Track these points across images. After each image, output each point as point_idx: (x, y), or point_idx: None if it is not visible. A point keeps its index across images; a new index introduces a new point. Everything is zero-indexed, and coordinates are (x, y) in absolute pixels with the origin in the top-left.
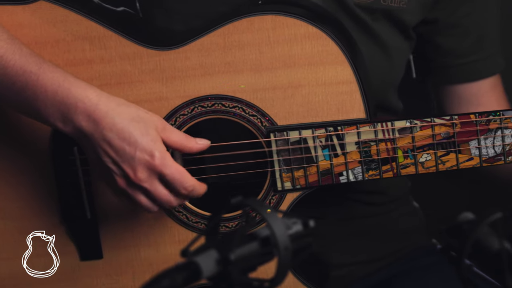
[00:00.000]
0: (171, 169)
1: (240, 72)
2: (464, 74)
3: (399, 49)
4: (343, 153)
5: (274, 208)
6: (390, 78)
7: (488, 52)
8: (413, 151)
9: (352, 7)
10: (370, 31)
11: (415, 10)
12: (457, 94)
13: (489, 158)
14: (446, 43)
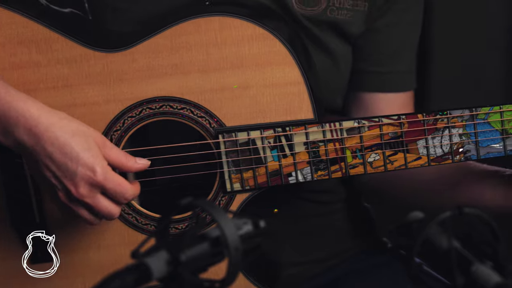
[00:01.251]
0: (113, 183)
1: (187, 73)
2: (375, 82)
3: (344, 57)
4: (292, 154)
5: (223, 209)
6: (337, 83)
7: (405, 68)
8: (362, 151)
9: (298, 17)
10: (318, 40)
11: (359, 23)
12: (366, 103)
13: (437, 157)
14: (365, 47)
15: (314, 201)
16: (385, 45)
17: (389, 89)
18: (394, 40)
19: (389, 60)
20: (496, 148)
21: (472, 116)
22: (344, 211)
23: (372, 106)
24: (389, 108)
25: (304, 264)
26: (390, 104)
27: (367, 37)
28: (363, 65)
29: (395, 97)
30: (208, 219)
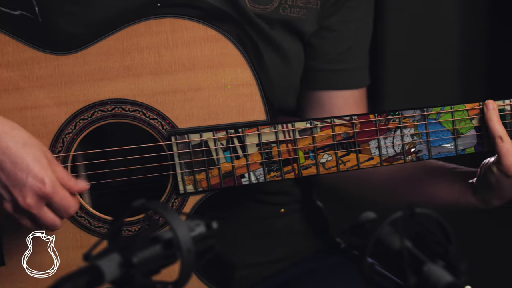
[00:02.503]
0: (60, 196)
1: (139, 75)
2: (329, 80)
3: (296, 56)
4: (245, 155)
5: (176, 211)
6: (290, 83)
7: (357, 64)
8: (314, 152)
9: (251, 16)
10: (270, 39)
11: (312, 20)
12: (320, 101)
13: (389, 157)
14: (318, 45)
15: (268, 203)
16: (338, 42)
17: (344, 86)
18: (347, 37)
19: (342, 57)
20: (447, 148)
21: (424, 116)
22: (298, 212)
23: (327, 104)
24: (344, 105)
25: (258, 265)
26: (344, 101)
27: (320, 35)
28: (316, 63)
29: (350, 94)
30: (161, 221)
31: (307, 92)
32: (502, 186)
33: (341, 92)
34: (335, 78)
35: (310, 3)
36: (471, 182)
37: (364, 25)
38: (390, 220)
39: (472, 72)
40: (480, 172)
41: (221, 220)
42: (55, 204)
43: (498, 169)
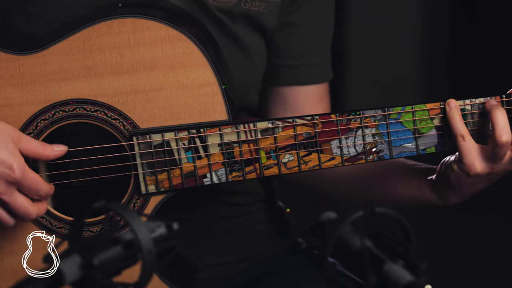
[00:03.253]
0: (29, 180)
1: (101, 75)
2: (293, 76)
3: (259, 51)
4: (206, 155)
5: (138, 211)
6: (252, 80)
7: (319, 59)
8: (276, 152)
9: (213, 10)
10: (232, 34)
11: (273, 14)
12: (283, 97)
13: (350, 157)
14: (280, 42)
15: (230, 203)
16: (301, 38)
17: (306, 81)
18: (309, 32)
19: (305, 53)
20: (408, 148)
21: (385, 116)
22: (261, 212)
23: (290, 100)
24: (307, 100)
25: (220, 266)
26: (307, 96)
27: (283, 31)
28: (279, 59)
29: (313, 89)
30: (122, 222)
31: (270, 88)
32: (461, 184)
33: (304, 87)
34: (298, 73)
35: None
36: (430, 178)
37: (326, 20)
38: (350, 220)
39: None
40: (440, 169)
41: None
42: (26, 188)
43: (459, 168)
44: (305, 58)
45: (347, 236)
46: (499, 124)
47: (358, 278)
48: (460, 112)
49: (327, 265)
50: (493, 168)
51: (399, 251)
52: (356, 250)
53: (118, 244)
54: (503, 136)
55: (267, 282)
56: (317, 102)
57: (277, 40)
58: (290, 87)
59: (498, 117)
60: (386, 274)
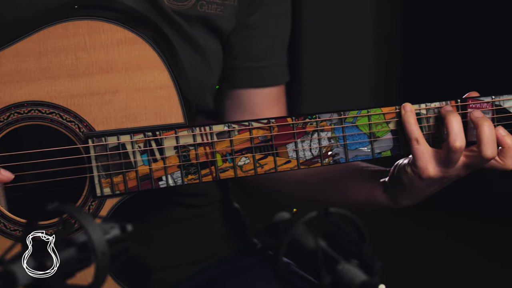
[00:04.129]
0: None
1: (56, 78)
2: (251, 78)
3: (215, 54)
4: (162, 158)
5: (93, 214)
6: (208, 82)
7: (277, 62)
8: (232, 155)
9: (169, 13)
10: (188, 37)
11: (230, 17)
12: (240, 100)
13: (306, 160)
14: (238, 44)
15: (186, 205)
16: (258, 40)
17: (264, 84)
18: (266, 35)
19: (262, 55)
20: (364, 151)
21: (341, 119)
22: (216, 213)
23: (247, 102)
24: (264, 103)
25: (176, 267)
26: (264, 98)
27: (239, 33)
28: (236, 62)
29: (270, 91)
30: (77, 225)
31: (227, 91)
32: (414, 187)
33: (261, 90)
34: (255, 76)
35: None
36: (383, 181)
37: (283, 22)
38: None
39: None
40: (393, 172)
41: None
42: None
43: (412, 171)
44: (262, 60)
45: (301, 236)
46: (454, 130)
47: (313, 278)
48: (415, 116)
49: (281, 266)
50: (446, 173)
51: (353, 250)
52: (310, 250)
53: (72, 246)
54: (457, 141)
55: (223, 283)
56: (274, 104)
57: (234, 43)
58: (247, 89)
59: (453, 122)
60: (340, 274)
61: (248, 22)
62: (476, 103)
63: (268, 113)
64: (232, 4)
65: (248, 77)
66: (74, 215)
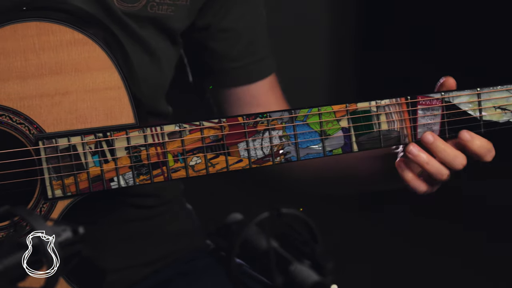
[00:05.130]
0: None
1: (5, 80)
2: (240, 77)
3: (167, 55)
4: (113, 159)
5: (44, 216)
6: (159, 84)
7: (261, 55)
8: (183, 155)
9: (118, 14)
10: (138, 38)
11: (182, 17)
12: (236, 97)
13: (257, 159)
14: (219, 48)
15: (139, 206)
16: (237, 40)
17: (256, 78)
18: (245, 32)
19: (245, 53)
20: (315, 149)
21: (292, 118)
22: (170, 214)
23: (244, 97)
24: (261, 95)
25: (130, 268)
26: (259, 90)
27: (218, 37)
28: (222, 64)
29: (263, 83)
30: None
31: (221, 91)
32: None
33: (256, 84)
34: (243, 73)
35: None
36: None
37: (259, 15)
38: (256, 221)
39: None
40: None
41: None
42: None
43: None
44: (247, 57)
45: (253, 237)
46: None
47: (265, 279)
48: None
49: (233, 267)
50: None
51: (305, 251)
52: (262, 251)
53: (23, 249)
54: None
55: (177, 284)
56: (270, 93)
57: (215, 47)
58: (240, 87)
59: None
60: (292, 274)
61: (224, 24)
62: (426, 99)
63: (264, 101)
64: (184, 4)
65: (239, 76)
66: (26, 217)
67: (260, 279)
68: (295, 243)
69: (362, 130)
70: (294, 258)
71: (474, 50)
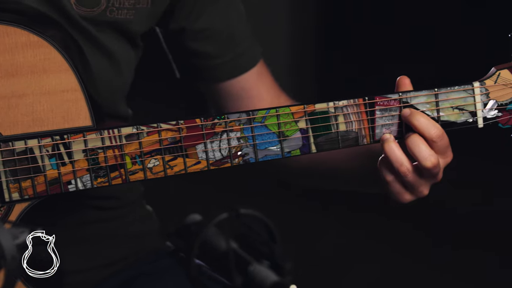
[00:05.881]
0: None
1: None
2: (226, 72)
3: (126, 58)
4: (71, 162)
5: (2, 219)
6: (118, 87)
7: (243, 47)
8: (141, 157)
9: (76, 18)
10: (97, 42)
11: (142, 20)
12: (227, 91)
13: (216, 161)
14: (200, 48)
15: (98, 208)
16: (217, 37)
17: (244, 69)
18: (222, 29)
19: (227, 48)
20: (273, 151)
21: (250, 119)
22: (130, 215)
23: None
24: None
25: (90, 270)
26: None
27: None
28: (206, 61)
29: (250, 74)
30: None
31: (212, 86)
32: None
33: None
34: (228, 68)
35: (140, 3)
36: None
37: (232, 9)
38: (215, 222)
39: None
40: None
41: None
42: None
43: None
44: (229, 52)
45: (212, 238)
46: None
47: (224, 280)
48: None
49: (193, 267)
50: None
51: (264, 251)
52: (221, 251)
53: None
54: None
55: (138, 285)
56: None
57: (196, 48)
58: (231, 80)
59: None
60: (251, 275)
61: (199, 25)
62: (384, 100)
63: (255, 92)
64: (144, 8)
65: (227, 70)
66: None
67: (220, 280)
68: (254, 243)
69: (320, 131)
70: (253, 258)
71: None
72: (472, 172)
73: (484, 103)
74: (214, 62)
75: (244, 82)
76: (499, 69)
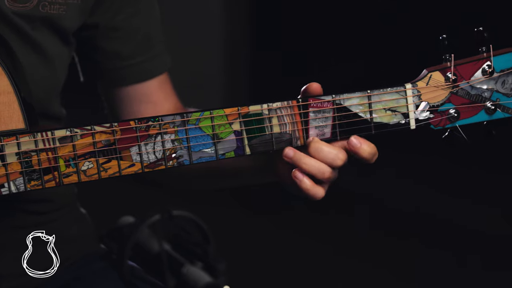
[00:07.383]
0: None
1: None
2: (133, 75)
3: (59, 56)
4: (4, 165)
5: None
6: (52, 86)
7: (154, 52)
8: (75, 160)
9: (10, 16)
10: (30, 40)
11: (74, 16)
12: (128, 95)
13: (150, 163)
14: (109, 47)
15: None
16: (128, 38)
17: (149, 76)
18: (135, 31)
19: (138, 51)
20: (208, 153)
21: (184, 121)
22: (63, 218)
23: (136, 96)
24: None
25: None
26: (152, 88)
27: (108, 36)
28: (114, 62)
29: (155, 81)
30: None
31: (114, 90)
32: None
33: (150, 81)
34: (136, 72)
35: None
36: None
37: (151, 13)
38: (148, 223)
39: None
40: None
41: None
42: None
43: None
44: (140, 55)
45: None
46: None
47: (158, 281)
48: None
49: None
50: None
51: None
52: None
53: None
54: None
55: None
56: (160, 89)
57: (105, 46)
58: (135, 85)
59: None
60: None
61: (115, 24)
62: (317, 102)
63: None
64: (75, 3)
65: (129, 74)
66: None
67: (153, 282)
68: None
69: (254, 133)
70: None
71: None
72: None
73: (416, 104)
74: (121, 64)
75: (147, 88)
76: (431, 71)
